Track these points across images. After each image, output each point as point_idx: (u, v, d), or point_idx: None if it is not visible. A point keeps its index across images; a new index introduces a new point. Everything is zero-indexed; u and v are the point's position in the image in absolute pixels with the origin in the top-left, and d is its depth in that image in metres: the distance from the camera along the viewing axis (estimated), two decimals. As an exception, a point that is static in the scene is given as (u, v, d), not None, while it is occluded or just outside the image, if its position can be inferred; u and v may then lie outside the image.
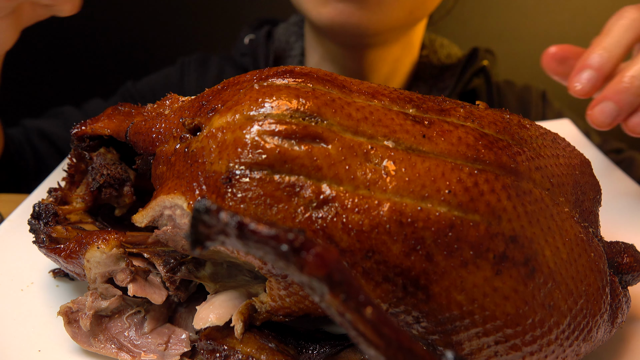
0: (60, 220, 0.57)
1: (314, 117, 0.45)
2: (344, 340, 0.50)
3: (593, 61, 0.66)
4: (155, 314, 0.53)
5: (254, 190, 0.43)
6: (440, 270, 0.41)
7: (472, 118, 0.48)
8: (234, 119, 0.45)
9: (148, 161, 0.54)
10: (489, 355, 0.43)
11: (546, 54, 0.78)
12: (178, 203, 0.45)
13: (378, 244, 0.41)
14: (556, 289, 0.43)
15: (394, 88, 0.51)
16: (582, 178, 0.52)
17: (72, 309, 0.52)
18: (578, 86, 0.66)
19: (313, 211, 0.42)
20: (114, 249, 0.50)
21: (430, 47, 1.28)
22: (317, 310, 0.48)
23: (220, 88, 0.51)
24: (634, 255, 0.51)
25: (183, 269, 0.52)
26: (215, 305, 0.50)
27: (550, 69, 0.78)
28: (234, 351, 0.48)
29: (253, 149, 0.43)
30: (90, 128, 0.59)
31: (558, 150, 0.52)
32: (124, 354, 0.51)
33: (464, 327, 0.42)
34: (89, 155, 0.62)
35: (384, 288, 0.42)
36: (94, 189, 0.60)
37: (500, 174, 0.44)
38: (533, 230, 0.44)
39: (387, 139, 0.45)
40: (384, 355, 0.28)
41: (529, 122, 0.52)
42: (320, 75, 0.49)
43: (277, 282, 0.46)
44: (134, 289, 0.51)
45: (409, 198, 0.42)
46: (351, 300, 0.27)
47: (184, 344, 0.52)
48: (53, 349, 0.53)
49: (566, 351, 0.45)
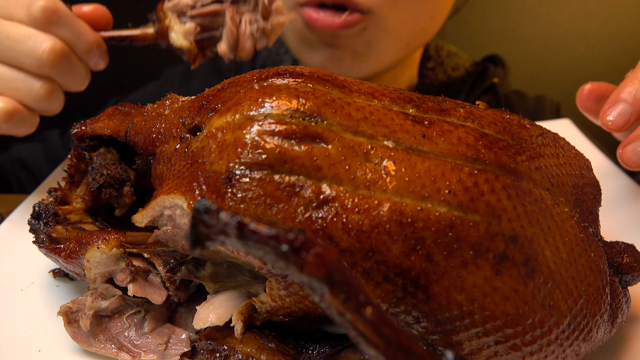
0: (60, 220, 0.57)
1: (314, 117, 0.45)
2: (344, 340, 0.50)
3: (627, 94, 0.62)
4: (155, 314, 0.53)
5: (254, 190, 0.43)
6: (440, 270, 0.41)
7: (472, 118, 0.48)
8: (234, 119, 0.45)
9: (148, 161, 0.54)
10: (489, 355, 0.43)
11: (581, 92, 0.71)
12: (178, 203, 0.45)
13: (378, 244, 0.41)
14: (556, 289, 0.43)
15: (394, 88, 0.51)
16: (582, 178, 0.52)
17: (72, 309, 0.52)
18: (610, 120, 0.61)
19: (313, 211, 0.42)
20: (114, 249, 0.50)
21: (437, 59, 1.22)
22: (317, 310, 0.48)
23: (220, 88, 0.51)
24: (634, 255, 0.51)
25: (183, 269, 0.52)
26: (215, 305, 0.50)
27: (585, 107, 0.72)
28: (234, 351, 0.48)
29: (253, 149, 0.43)
30: (90, 128, 0.59)
31: (558, 150, 0.52)
32: (124, 354, 0.51)
33: (464, 327, 0.42)
34: (89, 155, 0.62)
35: (384, 288, 0.42)
36: (94, 189, 0.60)
37: (500, 174, 0.44)
38: (533, 230, 0.43)
39: (387, 139, 0.45)
40: (384, 355, 0.28)
41: (529, 122, 0.52)
42: (320, 75, 0.49)
43: (277, 282, 0.46)
44: (134, 289, 0.51)
45: (409, 198, 0.42)
46: (351, 300, 0.27)
47: (184, 344, 0.52)
48: (53, 349, 0.53)
49: (566, 351, 0.45)
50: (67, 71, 0.72)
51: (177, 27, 0.70)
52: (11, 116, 0.70)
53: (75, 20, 0.72)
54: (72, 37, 0.71)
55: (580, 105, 0.72)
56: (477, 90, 1.17)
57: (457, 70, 1.22)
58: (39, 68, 0.69)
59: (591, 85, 0.70)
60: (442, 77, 1.21)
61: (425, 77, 1.21)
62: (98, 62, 0.76)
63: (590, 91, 0.70)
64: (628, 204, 0.75)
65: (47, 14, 0.68)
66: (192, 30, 0.69)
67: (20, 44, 0.68)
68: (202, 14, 0.70)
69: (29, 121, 0.73)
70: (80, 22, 0.73)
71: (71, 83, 0.74)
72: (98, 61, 0.76)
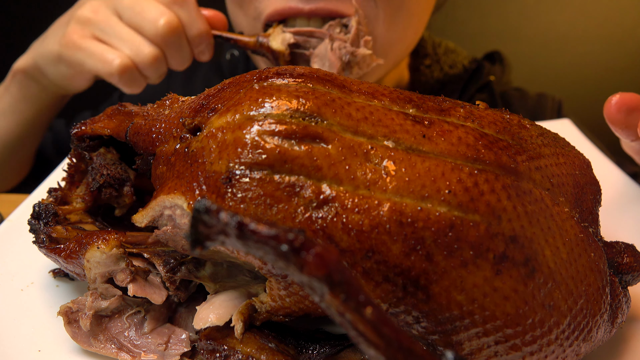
0: (60, 220, 0.57)
1: (314, 117, 0.45)
2: (344, 340, 0.50)
3: None
4: (155, 314, 0.53)
5: (254, 190, 0.43)
6: (440, 270, 0.41)
7: (472, 118, 0.48)
8: (234, 119, 0.45)
9: (148, 161, 0.54)
10: (488, 355, 0.43)
11: (609, 105, 0.63)
12: (178, 203, 0.45)
13: (378, 244, 0.41)
14: (556, 289, 0.43)
15: (393, 88, 0.51)
16: (582, 178, 0.52)
17: (72, 309, 0.52)
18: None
19: (313, 211, 0.42)
20: (114, 249, 0.50)
21: (434, 56, 1.21)
22: (317, 310, 0.48)
23: (220, 88, 0.51)
24: (634, 255, 0.51)
25: (183, 269, 0.52)
26: (215, 305, 0.50)
27: (614, 120, 0.64)
28: (234, 351, 0.48)
29: (253, 149, 0.43)
30: (90, 128, 0.59)
31: (558, 150, 0.52)
32: (124, 354, 0.51)
33: (464, 327, 0.42)
34: (89, 155, 0.62)
35: (384, 288, 0.42)
36: (94, 189, 0.60)
37: (500, 174, 0.44)
38: (533, 230, 0.43)
39: (387, 139, 0.45)
40: (384, 355, 0.28)
41: (529, 122, 0.52)
42: (320, 75, 0.49)
43: (277, 282, 0.46)
44: (134, 289, 0.51)
45: (409, 198, 0.42)
46: (351, 300, 0.27)
47: (184, 344, 0.52)
48: (53, 349, 0.53)
49: (566, 351, 0.45)
50: (174, 46, 0.87)
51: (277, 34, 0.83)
52: (124, 70, 0.86)
53: (196, 8, 0.88)
54: (188, 20, 0.87)
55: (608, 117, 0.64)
56: (471, 89, 1.16)
57: (454, 68, 1.21)
58: (154, 35, 0.85)
59: (620, 96, 0.63)
60: (439, 75, 1.20)
61: (422, 75, 1.20)
62: (203, 52, 0.91)
63: (621, 102, 0.62)
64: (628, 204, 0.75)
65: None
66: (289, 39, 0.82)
67: (147, 12, 0.85)
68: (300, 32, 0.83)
69: (137, 81, 0.89)
70: (199, 11, 0.88)
71: (175, 59, 0.89)
72: (203, 50, 0.91)
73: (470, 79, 1.18)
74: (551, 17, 1.95)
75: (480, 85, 1.16)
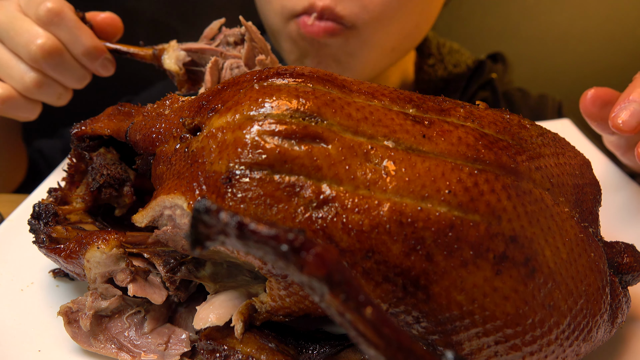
0: (60, 220, 0.57)
1: (314, 117, 0.45)
2: (344, 340, 0.50)
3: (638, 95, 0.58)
4: (155, 314, 0.53)
5: (254, 190, 0.43)
6: (440, 270, 0.41)
7: (472, 118, 0.48)
8: (234, 119, 0.45)
9: (148, 161, 0.54)
10: (488, 355, 0.43)
11: (584, 98, 0.67)
12: (178, 203, 0.45)
13: (378, 244, 0.41)
14: (556, 289, 0.43)
15: (393, 88, 0.51)
16: (582, 178, 0.52)
17: (72, 309, 0.52)
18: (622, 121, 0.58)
19: (313, 211, 0.42)
20: (114, 249, 0.50)
21: (438, 56, 1.22)
22: (317, 310, 0.48)
23: (220, 88, 0.51)
24: (634, 255, 0.51)
25: (183, 269, 0.52)
26: (215, 305, 0.50)
27: (588, 113, 0.68)
28: (234, 351, 0.48)
29: (253, 149, 0.43)
30: (90, 128, 0.59)
31: (558, 150, 0.52)
32: (124, 354, 0.51)
33: (464, 327, 0.42)
34: (89, 155, 0.62)
35: (384, 288, 0.42)
36: (94, 189, 0.60)
37: (500, 174, 0.44)
38: (533, 230, 0.43)
39: (387, 139, 0.45)
40: (384, 355, 0.28)
41: (529, 122, 0.52)
42: (320, 75, 0.49)
43: (277, 282, 0.46)
44: (134, 289, 0.51)
45: (409, 198, 0.42)
46: (351, 300, 0.27)
47: (184, 344, 0.52)
48: (53, 349, 0.53)
49: (566, 351, 0.45)
50: (58, 68, 0.78)
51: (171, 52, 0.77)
52: (4, 101, 0.78)
53: (77, 25, 0.78)
54: (69, 39, 0.77)
55: (584, 111, 0.69)
56: (473, 86, 1.17)
57: (458, 67, 1.22)
58: (31, 60, 0.76)
59: (595, 90, 0.67)
60: (442, 74, 1.21)
61: (425, 74, 1.21)
62: (100, 68, 0.82)
63: (595, 96, 0.67)
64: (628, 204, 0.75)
65: (50, 14, 0.75)
66: (182, 57, 0.76)
67: (20, 36, 0.76)
68: (191, 49, 0.76)
69: (25, 108, 0.81)
70: (82, 28, 0.78)
71: (65, 79, 0.80)
72: (99, 66, 0.81)
73: (473, 76, 1.19)
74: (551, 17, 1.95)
75: (482, 82, 1.17)
